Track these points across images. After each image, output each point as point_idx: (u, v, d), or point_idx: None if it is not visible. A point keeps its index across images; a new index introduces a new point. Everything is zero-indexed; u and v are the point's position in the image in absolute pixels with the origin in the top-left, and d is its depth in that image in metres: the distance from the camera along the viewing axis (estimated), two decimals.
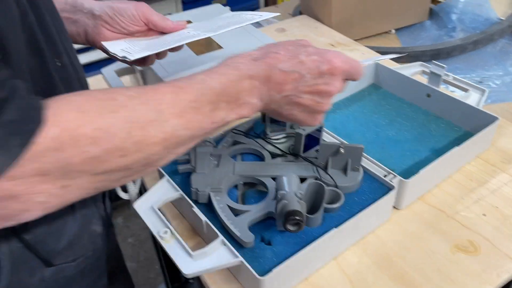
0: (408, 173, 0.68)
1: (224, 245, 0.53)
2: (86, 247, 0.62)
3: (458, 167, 0.71)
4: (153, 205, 0.59)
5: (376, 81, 0.89)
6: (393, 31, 1.24)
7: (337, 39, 1.10)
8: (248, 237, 0.54)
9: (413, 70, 0.85)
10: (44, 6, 0.50)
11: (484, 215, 0.63)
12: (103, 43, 0.66)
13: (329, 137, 0.69)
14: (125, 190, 0.73)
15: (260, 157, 0.67)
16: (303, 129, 0.63)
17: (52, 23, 0.51)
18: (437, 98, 0.79)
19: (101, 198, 0.67)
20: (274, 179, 0.61)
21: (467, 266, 0.57)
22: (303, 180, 0.61)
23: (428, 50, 1.09)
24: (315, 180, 0.59)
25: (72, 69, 0.54)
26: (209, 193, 0.60)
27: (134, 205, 0.59)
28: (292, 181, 0.56)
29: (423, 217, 0.63)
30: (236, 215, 0.57)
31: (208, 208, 0.60)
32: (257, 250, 0.55)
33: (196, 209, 0.57)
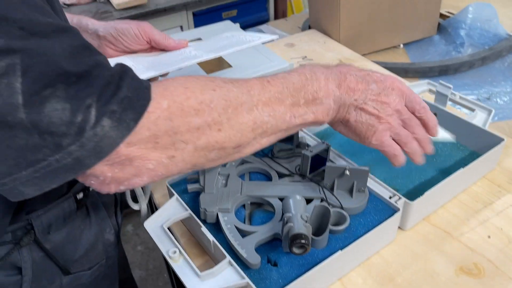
0: (414, 193, 0.69)
1: (231, 265, 0.55)
2: (100, 256, 0.65)
3: (463, 188, 0.71)
4: (163, 224, 0.60)
5: None
6: (402, 45, 1.25)
7: (345, 55, 1.11)
8: (255, 259, 0.55)
9: (420, 89, 0.86)
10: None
11: (489, 237, 0.64)
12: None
13: (335, 157, 0.70)
14: (135, 200, 0.75)
15: (268, 176, 0.69)
16: (310, 151, 0.64)
17: None
18: (443, 118, 0.80)
19: (114, 208, 0.70)
20: (281, 199, 0.62)
21: None
22: (309, 201, 0.62)
23: (436, 66, 1.10)
24: (320, 203, 0.60)
25: None
26: (217, 213, 0.61)
27: (145, 224, 0.61)
28: (298, 203, 0.57)
29: (428, 238, 0.64)
30: (243, 236, 0.58)
31: (216, 227, 0.61)
32: (264, 271, 0.56)
33: (204, 229, 0.59)
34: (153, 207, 0.74)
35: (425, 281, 0.59)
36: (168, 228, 0.60)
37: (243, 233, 0.59)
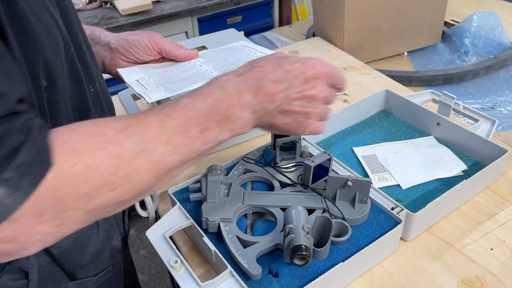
0: (416, 203, 0.69)
1: (232, 276, 0.55)
2: (107, 262, 0.66)
3: (466, 199, 0.71)
4: (164, 233, 0.60)
5: (387, 107, 0.90)
6: (406, 53, 1.25)
7: (349, 63, 1.12)
8: (256, 270, 0.55)
9: (423, 98, 0.86)
10: (82, 38, 0.54)
11: (492, 249, 0.64)
12: (118, 70, 0.70)
13: (338, 167, 0.70)
14: (144, 207, 0.75)
15: (270, 186, 0.69)
16: (312, 161, 0.64)
17: (88, 53, 0.56)
18: (446, 128, 0.80)
19: (121, 215, 0.70)
20: (283, 209, 0.62)
21: None
22: (311, 211, 0.62)
23: (440, 75, 1.10)
24: (322, 214, 0.60)
25: (102, 95, 0.59)
26: (219, 222, 0.61)
27: (147, 233, 0.61)
28: (299, 214, 0.57)
29: (431, 250, 0.64)
30: (245, 246, 0.58)
31: (218, 236, 0.62)
32: (265, 282, 0.56)
33: (206, 238, 0.59)
34: (156, 215, 0.74)
35: None
36: (170, 237, 0.60)
37: (245, 243, 0.59)
